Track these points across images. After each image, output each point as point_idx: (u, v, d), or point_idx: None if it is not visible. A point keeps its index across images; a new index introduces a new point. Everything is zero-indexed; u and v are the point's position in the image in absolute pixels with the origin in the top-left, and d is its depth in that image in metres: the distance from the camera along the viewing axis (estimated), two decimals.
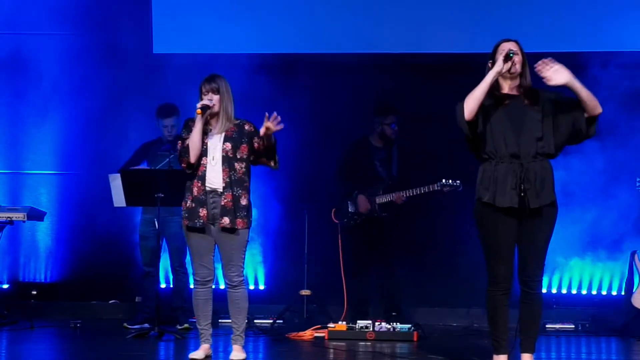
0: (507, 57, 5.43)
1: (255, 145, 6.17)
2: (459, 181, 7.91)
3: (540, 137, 5.43)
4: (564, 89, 5.42)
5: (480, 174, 5.54)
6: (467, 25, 8.92)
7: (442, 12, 8.96)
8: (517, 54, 5.49)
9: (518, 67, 5.49)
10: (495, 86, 5.51)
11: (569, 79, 5.34)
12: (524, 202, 5.39)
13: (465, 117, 5.41)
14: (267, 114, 6.02)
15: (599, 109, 5.42)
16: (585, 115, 5.43)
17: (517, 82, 5.54)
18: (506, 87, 5.56)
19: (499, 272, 5.47)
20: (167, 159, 7.94)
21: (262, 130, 6.06)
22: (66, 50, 9.36)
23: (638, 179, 8.23)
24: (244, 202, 6.16)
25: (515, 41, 5.56)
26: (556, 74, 5.33)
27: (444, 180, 7.93)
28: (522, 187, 5.38)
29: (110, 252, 9.16)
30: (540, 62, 5.37)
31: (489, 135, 5.47)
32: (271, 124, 6.02)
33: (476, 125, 5.47)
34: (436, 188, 7.99)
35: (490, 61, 5.52)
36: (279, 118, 6.03)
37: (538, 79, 5.53)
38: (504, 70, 5.45)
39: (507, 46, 5.51)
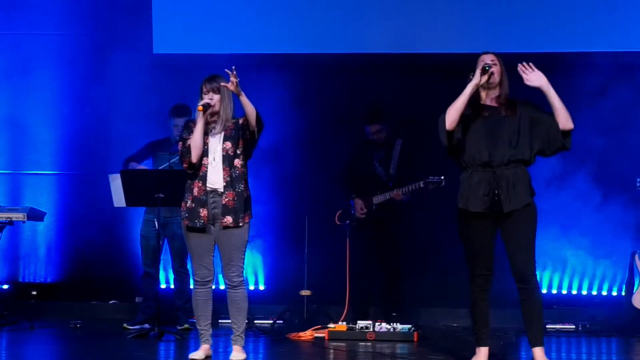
0: (484, 70, 5.78)
1: (249, 130, 6.15)
2: (442, 177, 7.94)
3: (515, 146, 5.76)
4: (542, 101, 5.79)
5: (460, 182, 5.91)
6: (466, 25, 8.93)
7: (442, 12, 8.96)
8: (496, 65, 5.84)
9: (497, 77, 5.84)
10: (475, 97, 5.87)
11: (544, 83, 5.72)
12: (497, 207, 5.75)
13: (447, 127, 5.78)
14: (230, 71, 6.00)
15: (570, 124, 5.76)
16: (560, 127, 5.76)
17: (496, 92, 5.90)
18: (486, 97, 5.90)
19: (475, 269, 5.88)
20: (168, 161, 7.94)
21: (229, 86, 6.02)
22: (66, 50, 9.37)
23: (638, 179, 8.23)
24: (245, 195, 6.18)
25: (494, 53, 5.90)
26: (533, 76, 5.73)
27: (429, 178, 7.96)
28: (496, 193, 5.74)
29: (110, 252, 9.17)
30: (521, 64, 5.75)
31: (467, 146, 5.84)
32: (232, 78, 5.99)
33: (453, 135, 5.80)
34: (421, 185, 8.04)
35: (472, 72, 5.84)
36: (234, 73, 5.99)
37: (516, 86, 5.87)
38: (481, 83, 5.80)
39: (486, 58, 5.86)
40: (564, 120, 5.74)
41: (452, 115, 5.77)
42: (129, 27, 9.08)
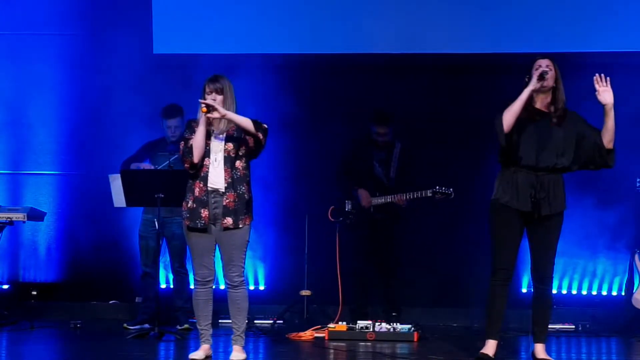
0: (541, 77, 5.94)
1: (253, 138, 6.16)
2: (451, 189, 7.97)
3: (561, 154, 6.00)
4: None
5: (499, 177, 6.11)
6: (467, 25, 8.93)
7: (442, 12, 8.96)
8: (551, 70, 6.00)
9: (550, 82, 6.01)
10: (529, 100, 5.99)
11: (610, 103, 5.95)
12: (537, 209, 5.98)
13: (504, 130, 5.93)
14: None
15: (611, 145, 6.05)
16: (605, 144, 6.01)
17: (549, 97, 6.05)
18: (538, 101, 6.07)
19: (500, 262, 6.07)
20: (168, 161, 7.95)
21: (215, 115, 6.04)
22: (66, 50, 9.37)
23: (638, 179, 8.24)
24: (247, 197, 6.17)
25: (550, 58, 6.08)
26: (605, 93, 5.94)
27: (437, 188, 7.97)
28: (537, 196, 5.97)
29: (110, 252, 9.17)
30: (598, 75, 5.93)
31: (515, 146, 6.01)
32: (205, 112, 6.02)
33: (510, 136, 5.99)
34: (428, 194, 8.04)
35: (527, 76, 6.01)
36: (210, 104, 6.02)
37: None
38: (537, 88, 5.96)
39: (542, 63, 6.02)
40: (608, 139, 5.99)
41: (508, 119, 5.92)
42: (129, 27, 9.07)
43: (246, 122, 6.07)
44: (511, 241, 6.05)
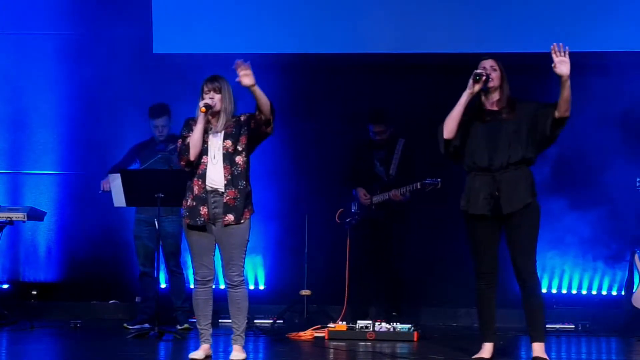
0: (475, 79, 5.92)
1: (252, 124, 6.14)
2: (439, 179, 7.96)
3: (515, 147, 5.92)
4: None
5: (465, 184, 6.11)
6: (467, 25, 8.93)
7: (442, 12, 8.96)
8: (495, 70, 5.98)
9: (496, 82, 6.00)
10: (477, 102, 6.02)
11: (566, 74, 5.75)
12: (497, 209, 5.93)
13: (445, 136, 6.02)
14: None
15: (568, 113, 5.83)
16: (556, 115, 5.83)
17: (497, 95, 6.02)
18: (486, 102, 6.06)
19: (479, 267, 6.12)
20: (159, 155, 7.93)
21: (245, 80, 5.97)
22: (66, 50, 9.37)
23: (638, 179, 8.23)
24: (246, 190, 6.17)
25: (493, 58, 6.06)
26: (561, 65, 5.75)
27: (426, 180, 7.98)
28: (496, 195, 5.92)
29: (110, 252, 9.17)
30: (555, 45, 5.79)
31: (468, 151, 6.05)
32: (240, 71, 5.96)
33: (451, 143, 6.02)
34: (418, 187, 8.06)
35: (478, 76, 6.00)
36: (241, 63, 5.97)
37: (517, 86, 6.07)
38: (475, 91, 5.95)
39: (485, 64, 6.04)
40: (564, 109, 5.81)
41: (450, 125, 6.00)
42: (129, 27, 9.07)
43: (267, 102, 6.07)
44: (484, 246, 6.06)
